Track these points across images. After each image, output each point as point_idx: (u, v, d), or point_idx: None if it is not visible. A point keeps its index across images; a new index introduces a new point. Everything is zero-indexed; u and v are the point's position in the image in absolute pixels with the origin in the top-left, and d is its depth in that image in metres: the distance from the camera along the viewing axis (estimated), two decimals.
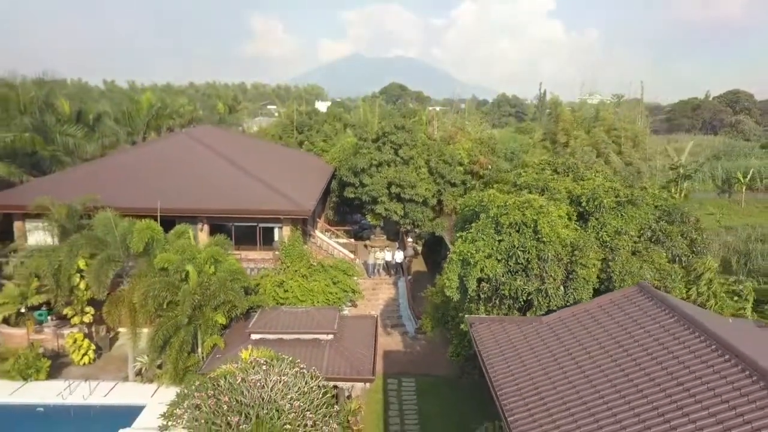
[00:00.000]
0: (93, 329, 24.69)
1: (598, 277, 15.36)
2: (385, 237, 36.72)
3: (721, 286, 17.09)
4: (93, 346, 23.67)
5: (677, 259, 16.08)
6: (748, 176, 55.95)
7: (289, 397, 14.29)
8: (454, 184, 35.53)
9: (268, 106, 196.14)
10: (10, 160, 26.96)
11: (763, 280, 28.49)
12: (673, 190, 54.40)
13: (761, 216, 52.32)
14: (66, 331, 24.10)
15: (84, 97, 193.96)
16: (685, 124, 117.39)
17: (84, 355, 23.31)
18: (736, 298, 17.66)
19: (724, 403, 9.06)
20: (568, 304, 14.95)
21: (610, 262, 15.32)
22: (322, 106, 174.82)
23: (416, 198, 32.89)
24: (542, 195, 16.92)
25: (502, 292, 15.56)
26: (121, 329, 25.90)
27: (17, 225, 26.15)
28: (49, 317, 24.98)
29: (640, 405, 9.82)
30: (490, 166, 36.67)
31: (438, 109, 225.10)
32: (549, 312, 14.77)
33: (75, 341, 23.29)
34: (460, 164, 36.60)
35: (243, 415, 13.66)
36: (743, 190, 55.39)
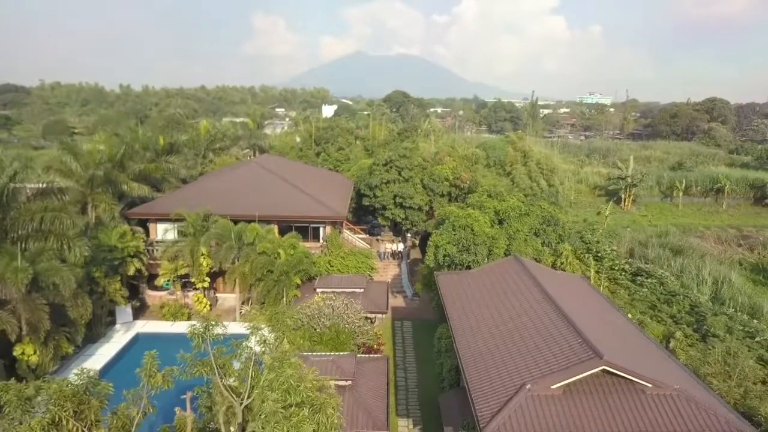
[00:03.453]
0: (205, 293, 39.86)
1: (504, 253, 30.51)
2: (391, 234, 51.97)
3: (578, 260, 32.23)
4: (209, 302, 38.91)
5: (549, 244, 31.26)
6: (684, 184, 70.73)
7: (347, 314, 29.50)
8: (441, 195, 50.58)
9: (276, 110, 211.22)
10: (143, 182, 42.07)
11: (644, 261, 43.83)
12: (623, 196, 69.68)
13: (692, 216, 67.39)
14: (190, 293, 39.33)
15: (102, 101, 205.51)
16: (664, 130, 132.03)
17: (204, 307, 38.52)
18: (584, 266, 32.81)
19: (529, 306, 24.04)
20: None
21: (511, 246, 30.50)
22: (328, 110, 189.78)
23: (414, 206, 48.02)
24: (480, 209, 32.07)
25: (456, 262, 30.72)
26: (219, 294, 41.21)
27: (152, 226, 41.37)
28: (171, 285, 40.17)
29: (501, 306, 24.84)
30: (468, 181, 51.62)
31: (439, 110, 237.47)
32: None
33: (198, 299, 38.50)
34: (446, 179, 51.51)
35: (325, 320, 28.87)
36: (680, 195, 70.27)
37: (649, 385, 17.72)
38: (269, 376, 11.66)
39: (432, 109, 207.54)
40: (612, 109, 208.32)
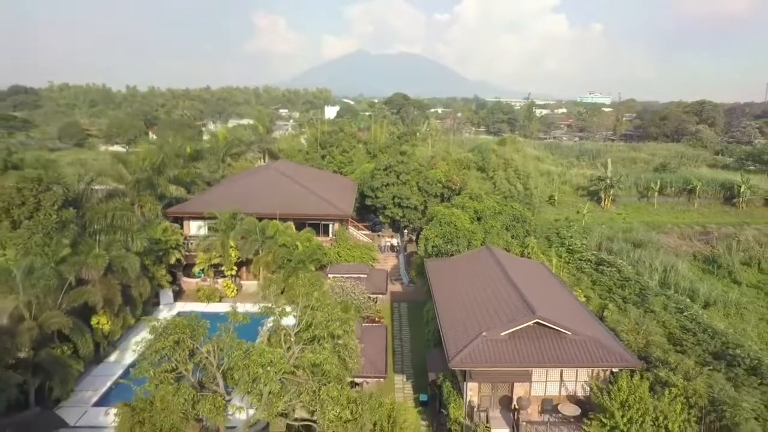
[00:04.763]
0: (232, 279, 47.71)
1: (480, 243, 38.41)
2: (390, 230, 59.84)
3: (551, 249, 40.08)
4: (236, 287, 46.78)
5: (517, 237, 39.16)
6: (659, 185, 78.51)
7: (354, 293, 37.41)
8: (435, 196, 58.41)
9: (280, 110, 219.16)
10: (177, 185, 50.00)
11: (608, 252, 51.67)
12: (603, 196, 77.54)
13: (665, 214, 75.19)
14: (219, 280, 47.22)
15: (110, 102, 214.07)
16: (654, 132, 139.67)
17: (232, 292, 46.42)
18: (553, 254, 40.68)
19: (492, 281, 31.91)
20: None
21: (486, 238, 38.40)
22: (330, 111, 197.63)
23: (410, 205, 55.88)
24: (462, 209, 39.93)
25: (442, 251, 38.61)
26: (243, 282, 49.04)
27: (186, 223, 49.30)
28: (203, 273, 48.06)
29: (472, 282, 32.71)
30: (458, 184, 59.43)
31: (440, 111, 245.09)
32: None
33: (227, 285, 46.41)
34: (439, 182, 59.27)
35: (336, 298, 36.77)
36: (655, 195, 78.05)
37: (569, 333, 25.59)
38: (316, 304, 19.57)
39: (432, 110, 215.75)
40: (610, 109, 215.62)
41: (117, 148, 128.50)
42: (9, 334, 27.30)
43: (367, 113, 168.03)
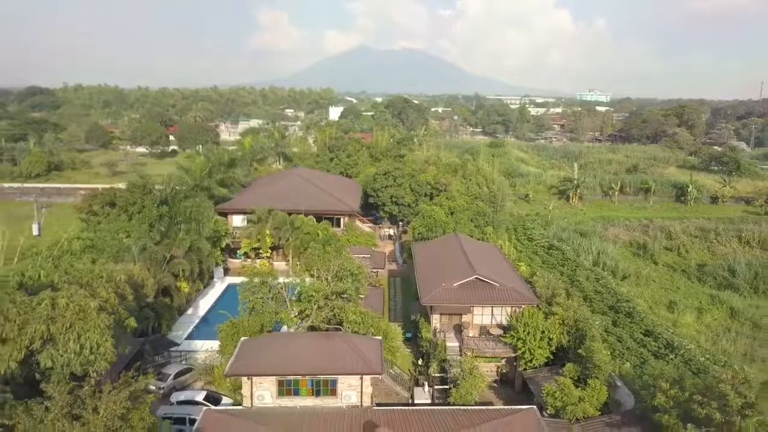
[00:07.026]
0: (268, 260, 64.32)
1: (452, 230, 54.98)
2: (389, 223, 76.54)
3: (497, 234, 56.66)
4: (270, 267, 63.44)
5: (479, 227, 55.74)
6: (619, 185, 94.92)
7: (365, 267, 54.02)
8: (425, 195, 74.90)
9: (286, 111, 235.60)
10: (225, 188, 66.62)
11: (558, 239, 68.25)
12: (571, 195, 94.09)
13: (623, 210, 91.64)
14: (257, 261, 63.92)
15: (122, 102, 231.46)
16: (636, 134, 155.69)
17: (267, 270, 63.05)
18: (504, 238, 57.27)
19: (453, 255, 48.43)
20: None
21: (456, 227, 55.02)
22: (334, 112, 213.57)
23: (404, 203, 72.40)
24: (440, 206, 56.43)
25: (424, 237, 55.27)
26: (274, 263, 65.69)
27: (230, 217, 66.00)
28: (242, 256, 64.75)
29: (440, 255, 49.25)
30: (445, 185, 75.83)
31: (440, 111, 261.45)
32: None
33: (264, 264, 63.02)
34: (429, 184, 75.66)
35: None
36: (616, 194, 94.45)
37: (498, 285, 42.16)
38: (342, 261, 36.17)
39: (433, 109, 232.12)
40: (605, 108, 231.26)
41: (141, 149, 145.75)
42: (141, 287, 44.00)
43: (369, 113, 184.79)
